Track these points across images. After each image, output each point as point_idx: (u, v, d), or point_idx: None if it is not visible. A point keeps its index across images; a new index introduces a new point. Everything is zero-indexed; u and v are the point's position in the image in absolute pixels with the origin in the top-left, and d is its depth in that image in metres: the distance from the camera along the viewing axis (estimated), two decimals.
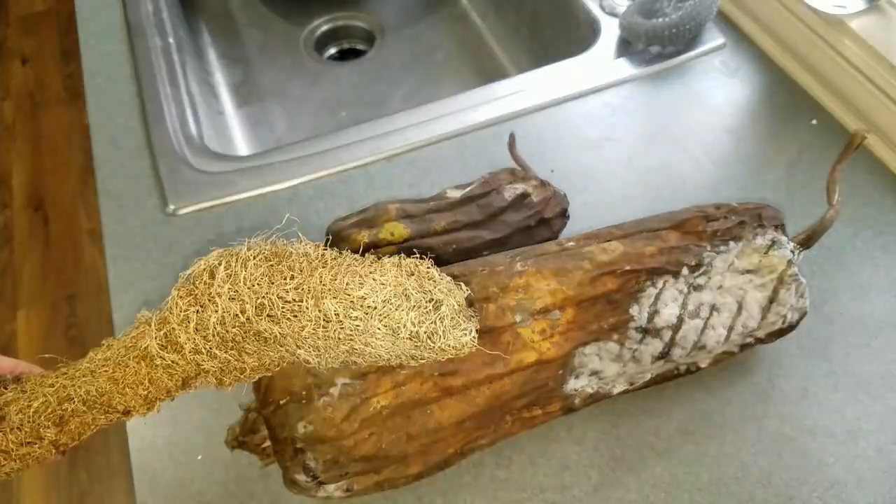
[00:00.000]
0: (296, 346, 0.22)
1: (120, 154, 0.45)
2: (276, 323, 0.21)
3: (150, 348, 0.22)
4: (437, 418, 0.28)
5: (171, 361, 0.22)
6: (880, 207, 0.42)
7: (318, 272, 0.22)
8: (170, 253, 0.40)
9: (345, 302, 0.21)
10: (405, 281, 0.22)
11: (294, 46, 0.66)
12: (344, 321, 0.21)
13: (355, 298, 0.21)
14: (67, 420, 0.23)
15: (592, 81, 0.48)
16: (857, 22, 0.43)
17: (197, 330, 0.22)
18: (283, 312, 0.21)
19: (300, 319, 0.21)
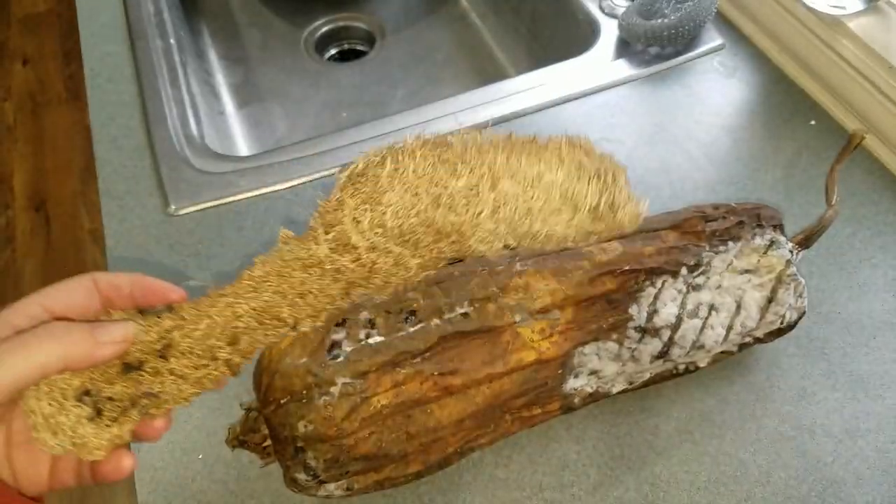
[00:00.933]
0: (471, 234, 0.21)
1: (121, 154, 0.45)
2: (452, 211, 0.20)
3: (316, 253, 0.21)
4: (437, 417, 0.28)
5: (341, 265, 0.21)
6: (878, 207, 0.42)
7: (490, 155, 0.21)
8: (171, 253, 0.41)
9: (522, 182, 0.20)
10: (578, 153, 0.21)
11: (295, 47, 0.66)
12: (522, 201, 0.20)
13: (533, 176, 0.20)
14: (238, 338, 0.23)
15: (592, 82, 0.48)
16: (856, 22, 0.43)
17: (371, 227, 0.20)
18: (458, 200, 0.20)
19: (476, 205, 0.20)
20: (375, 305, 0.30)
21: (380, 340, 0.28)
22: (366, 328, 0.29)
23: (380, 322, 0.29)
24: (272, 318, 0.23)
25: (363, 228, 0.21)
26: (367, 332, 0.28)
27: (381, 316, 0.29)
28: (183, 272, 0.40)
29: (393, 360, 0.28)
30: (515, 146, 0.21)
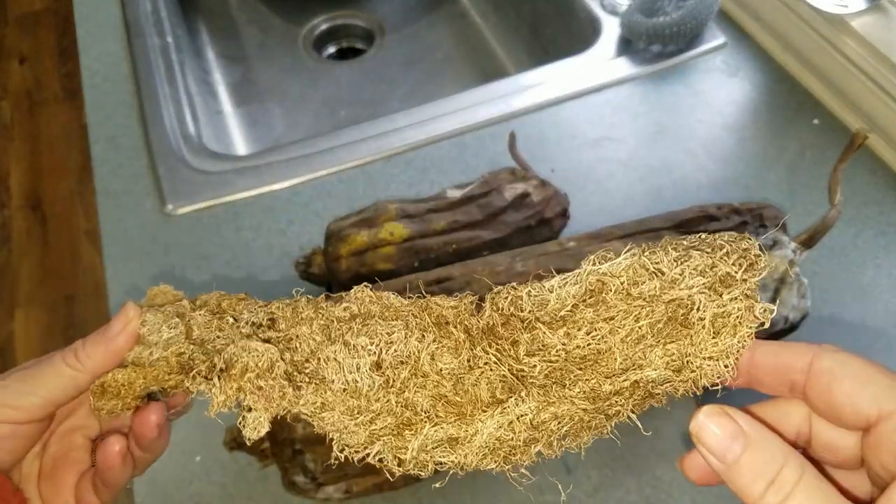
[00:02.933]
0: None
1: (118, 154, 0.45)
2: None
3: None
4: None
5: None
6: (882, 207, 0.42)
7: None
8: (168, 253, 0.40)
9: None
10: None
11: (293, 45, 0.66)
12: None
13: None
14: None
15: (593, 80, 0.48)
16: (859, 21, 0.43)
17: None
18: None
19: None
20: None
21: None
22: None
23: None
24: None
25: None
26: None
27: None
28: (180, 272, 0.39)
29: None
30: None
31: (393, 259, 0.34)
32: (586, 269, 0.18)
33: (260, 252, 0.40)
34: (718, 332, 0.17)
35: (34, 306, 1.08)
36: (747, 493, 0.15)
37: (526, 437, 0.18)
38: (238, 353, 0.19)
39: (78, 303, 1.08)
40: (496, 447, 0.18)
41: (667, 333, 0.18)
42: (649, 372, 0.18)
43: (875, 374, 0.17)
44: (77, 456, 0.21)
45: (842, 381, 0.17)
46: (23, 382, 0.20)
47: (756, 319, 0.17)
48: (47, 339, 1.05)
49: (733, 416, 0.16)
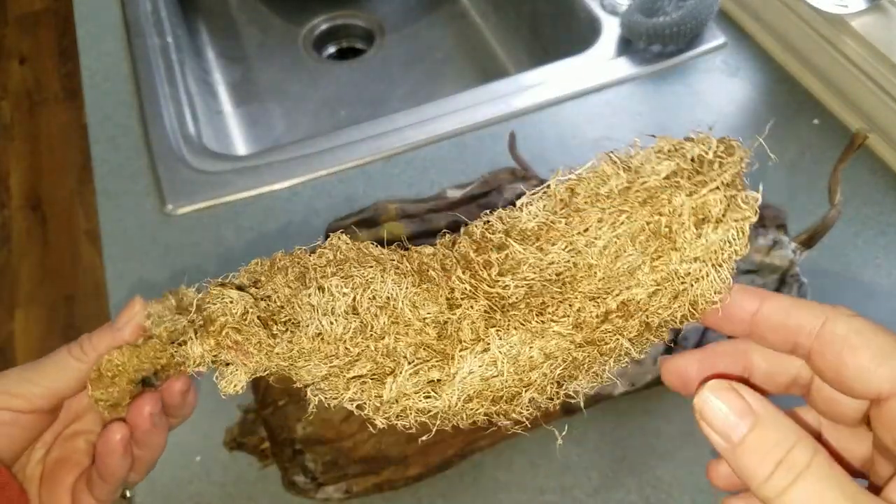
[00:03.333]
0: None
1: (118, 153, 0.45)
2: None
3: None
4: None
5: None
6: (882, 207, 0.42)
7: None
8: (168, 253, 0.40)
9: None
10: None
11: (293, 45, 0.66)
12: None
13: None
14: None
15: (593, 80, 0.48)
16: (859, 21, 0.43)
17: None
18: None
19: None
20: None
21: None
22: None
23: None
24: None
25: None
26: None
27: None
28: (180, 272, 0.39)
29: None
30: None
31: None
32: (554, 180, 0.17)
33: (260, 252, 0.40)
34: (700, 228, 0.15)
35: (34, 306, 1.08)
36: (753, 475, 0.14)
37: (514, 378, 0.17)
38: (215, 308, 0.19)
39: (78, 303, 1.08)
40: (482, 389, 0.17)
41: (652, 249, 0.16)
42: (637, 290, 0.16)
43: (894, 348, 0.15)
44: (77, 458, 0.21)
45: (856, 352, 0.16)
46: (25, 371, 0.20)
47: (741, 210, 0.16)
48: (47, 338, 1.05)
49: (741, 392, 0.15)
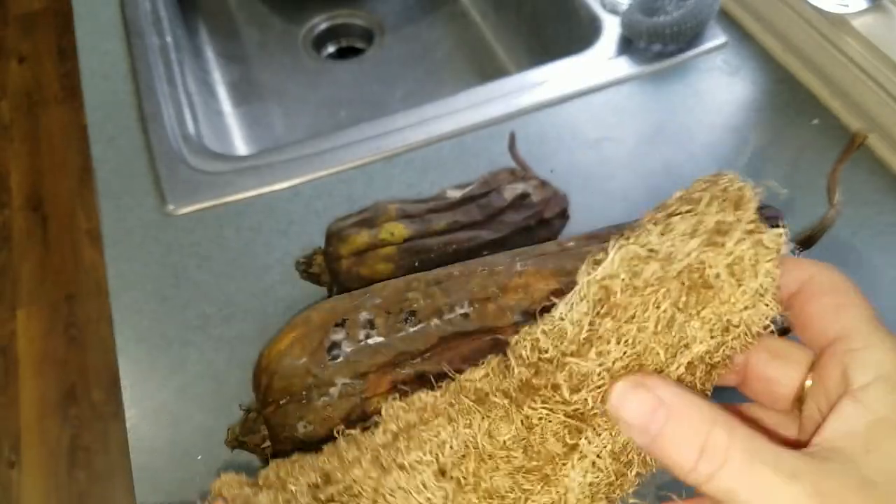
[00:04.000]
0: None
1: (118, 154, 0.45)
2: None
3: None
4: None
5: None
6: (881, 208, 0.42)
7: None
8: (169, 253, 0.40)
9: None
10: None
11: (292, 45, 0.66)
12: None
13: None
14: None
15: (593, 80, 0.48)
16: (860, 20, 0.43)
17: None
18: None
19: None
20: (375, 305, 0.29)
21: (379, 341, 0.28)
22: (365, 328, 0.28)
23: (379, 322, 0.29)
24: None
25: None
26: (366, 333, 0.28)
27: (380, 316, 0.29)
28: (181, 272, 0.39)
29: (393, 360, 0.27)
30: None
31: (393, 259, 0.34)
32: (584, 282, 0.17)
33: (261, 252, 0.40)
34: (740, 279, 0.16)
35: (35, 306, 1.08)
36: (679, 466, 0.15)
37: (615, 468, 0.17)
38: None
39: (79, 303, 1.08)
40: (594, 493, 0.17)
41: (694, 303, 0.16)
42: (697, 347, 0.16)
43: (856, 302, 0.17)
44: None
45: (821, 299, 0.17)
46: None
47: (769, 250, 0.16)
48: (49, 338, 1.05)
49: (650, 387, 0.15)
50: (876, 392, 0.15)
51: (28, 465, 0.93)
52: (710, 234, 0.16)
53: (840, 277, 0.17)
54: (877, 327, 0.16)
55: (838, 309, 0.17)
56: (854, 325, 0.16)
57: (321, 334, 0.28)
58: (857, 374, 0.15)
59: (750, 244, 0.16)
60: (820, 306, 0.17)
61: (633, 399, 0.16)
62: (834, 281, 0.17)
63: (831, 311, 0.17)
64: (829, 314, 0.17)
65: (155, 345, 0.37)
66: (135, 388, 0.35)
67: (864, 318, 0.16)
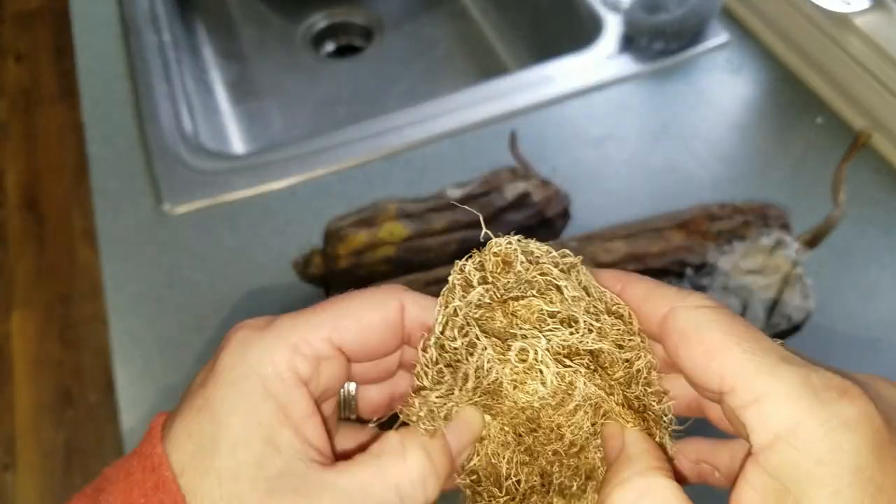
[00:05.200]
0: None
1: (114, 153, 0.45)
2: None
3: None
4: None
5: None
6: (886, 207, 0.41)
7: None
8: (165, 252, 0.40)
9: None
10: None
11: (291, 43, 0.66)
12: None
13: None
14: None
15: (595, 78, 0.48)
16: (863, 19, 0.43)
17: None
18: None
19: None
20: None
21: None
22: None
23: None
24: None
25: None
26: None
27: None
28: (177, 272, 0.39)
29: None
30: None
31: (392, 259, 0.33)
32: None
33: (258, 252, 0.40)
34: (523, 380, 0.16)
35: (31, 306, 1.07)
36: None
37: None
38: None
39: (74, 303, 1.07)
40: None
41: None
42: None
43: (726, 343, 0.14)
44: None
45: (689, 348, 0.15)
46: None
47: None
48: (44, 339, 1.04)
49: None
50: (779, 454, 0.13)
51: (23, 467, 0.93)
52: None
53: (702, 313, 0.15)
54: (762, 368, 0.14)
55: (710, 357, 0.14)
56: (734, 375, 0.14)
57: None
58: (755, 434, 0.14)
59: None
60: (690, 359, 0.15)
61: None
62: (696, 320, 0.15)
63: (704, 362, 0.14)
64: (703, 366, 0.14)
65: (150, 346, 0.36)
66: (130, 389, 0.35)
67: (742, 362, 0.14)
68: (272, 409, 0.15)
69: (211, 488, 0.14)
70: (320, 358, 0.16)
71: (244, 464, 0.15)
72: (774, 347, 0.14)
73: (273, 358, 0.15)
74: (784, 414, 0.13)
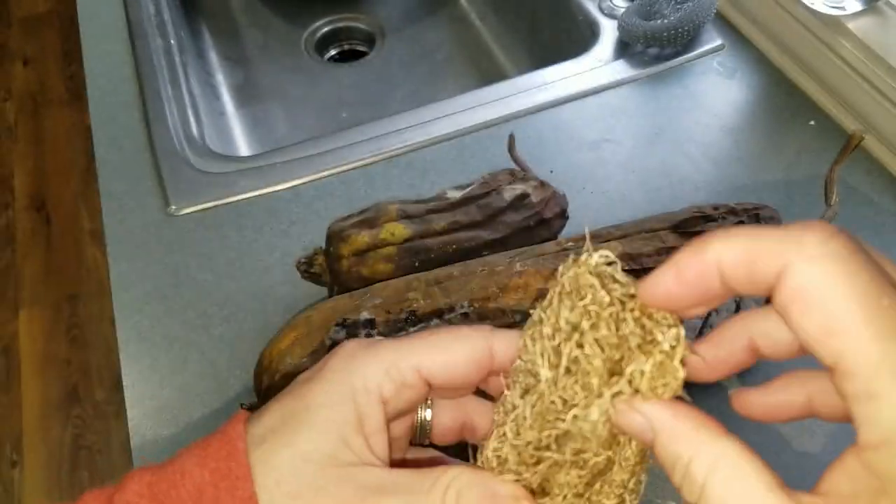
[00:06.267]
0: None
1: (121, 155, 0.46)
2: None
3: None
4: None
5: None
6: (878, 208, 0.42)
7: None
8: (171, 253, 0.41)
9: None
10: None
11: (295, 47, 0.67)
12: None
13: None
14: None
15: (591, 83, 0.48)
16: (855, 23, 0.43)
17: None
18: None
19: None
20: (375, 305, 0.30)
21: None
22: (366, 328, 0.29)
23: (380, 322, 0.29)
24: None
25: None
26: (367, 332, 0.28)
27: (381, 316, 0.29)
28: (183, 272, 0.40)
29: None
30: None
31: (394, 259, 0.34)
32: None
33: (262, 252, 0.41)
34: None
35: (38, 306, 1.08)
36: (673, 480, 0.15)
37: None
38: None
39: (81, 303, 1.08)
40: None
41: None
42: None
43: (849, 316, 0.12)
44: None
45: (805, 318, 0.13)
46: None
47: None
48: (51, 338, 1.05)
49: (641, 411, 0.16)
50: (885, 457, 0.12)
51: (30, 465, 0.94)
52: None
53: (822, 267, 0.12)
54: (887, 362, 0.12)
55: (828, 333, 0.12)
56: (853, 362, 0.12)
57: (322, 334, 0.29)
58: (864, 429, 0.12)
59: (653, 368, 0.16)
60: (805, 331, 0.13)
61: (627, 421, 0.16)
62: (814, 280, 0.12)
63: (821, 337, 0.12)
64: (820, 341, 0.12)
65: (156, 344, 0.37)
66: (137, 387, 0.36)
67: (866, 348, 0.12)
68: (352, 413, 0.17)
69: (282, 462, 0.17)
70: (405, 384, 0.18)
71: (319, 450, 0.17)
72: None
73: (366, 373, 0.18)
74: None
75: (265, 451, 0.17)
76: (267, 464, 0.17)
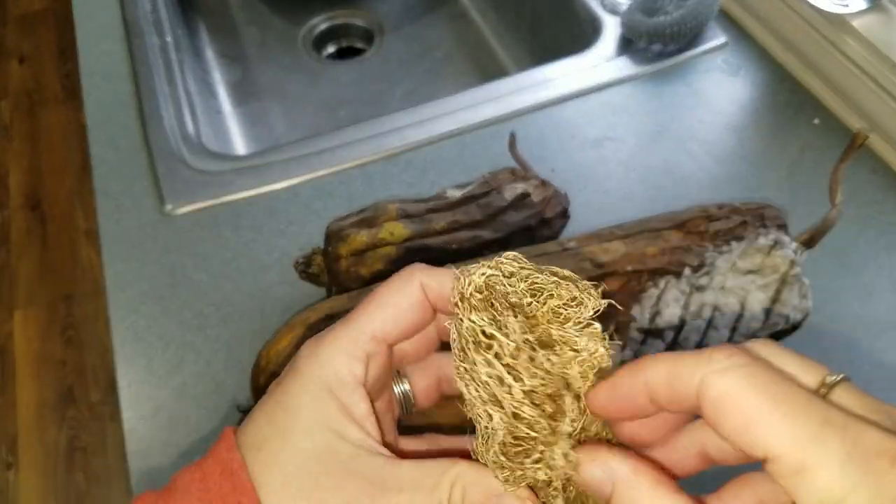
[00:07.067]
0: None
1: (117, 153, 0.45)
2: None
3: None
4: (437, 421, 0.28)
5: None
6: (883, 207, 0.42)
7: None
8: (167, 253, 0.40)
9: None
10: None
11: (292, 45, 0.66)
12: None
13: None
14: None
15: (593, 80, 0.48)
16: (860, 20, 0.43)
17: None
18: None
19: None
20: None
21: None
22: None
23: None
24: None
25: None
26: None
27: None
28: (179, 272, 0.39)
29: None
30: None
31: (393, 259, 0.34)
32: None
33: (260, 252, 0.40)
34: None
35: (33, 306, 1.08)
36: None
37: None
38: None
39: (77, 302, 1.08)
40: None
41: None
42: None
43: (763, 409, 0.14)
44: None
45: (726, 420, 0.14)
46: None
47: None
48: (46, 339, 1.04)
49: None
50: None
51: (25, 466, 0.93)
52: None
53: (732, 376, 0.14)
54: (804, 435, 0.13)
55: (748, 427, 0.14)
56: (775, 445, 0.13)
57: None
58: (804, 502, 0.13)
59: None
60: (729, 431, 0.14)
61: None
62: (727, 388, 0.14)
63: (743, 433, 0.14)
64: (742, 436, 0.14)
65: (152, 345, 0.36)
66: (132, 388, 0.35)
67: (782, 429, 0.13)
68: (338, 407, 0.17)
69: (285, 462, 0.17)
70: (369, 355, 0.18)
71: (318, 447, 0.17)
72: (816, 405, 0.13)
73: (334, 363, 0.18)
74: (830, 485, 0.13)
75: (266, 455, 0.17)
76: (270, 466, 0.17)
